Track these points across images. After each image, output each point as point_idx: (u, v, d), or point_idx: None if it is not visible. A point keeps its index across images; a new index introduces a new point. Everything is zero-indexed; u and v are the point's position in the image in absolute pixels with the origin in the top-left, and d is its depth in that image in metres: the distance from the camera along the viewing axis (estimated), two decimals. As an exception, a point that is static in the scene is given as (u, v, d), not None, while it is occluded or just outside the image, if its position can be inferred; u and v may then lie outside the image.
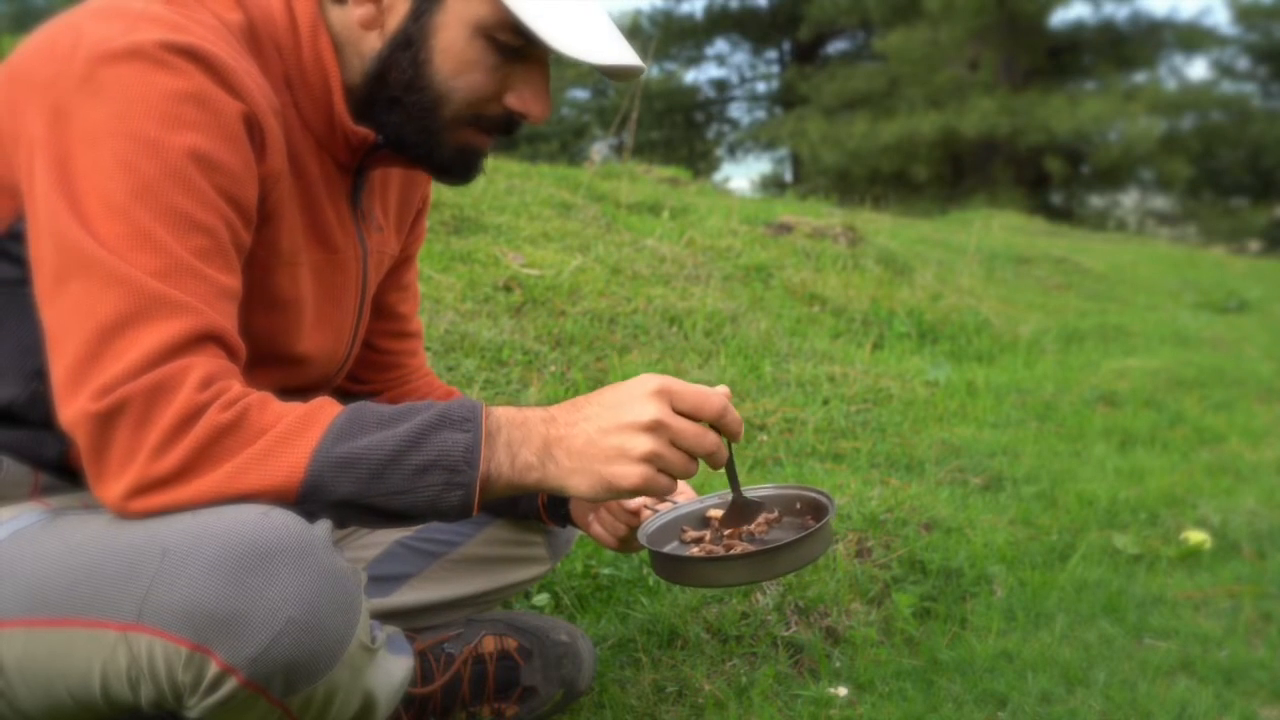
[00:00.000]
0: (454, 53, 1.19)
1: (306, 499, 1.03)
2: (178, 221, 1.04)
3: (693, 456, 1.12)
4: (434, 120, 1.22)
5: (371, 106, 1.23)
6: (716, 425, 1.13)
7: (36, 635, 1.00)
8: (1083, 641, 1.93)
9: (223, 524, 0.97)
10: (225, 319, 1.07)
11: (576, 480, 1.10)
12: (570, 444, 1.10)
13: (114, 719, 1.03)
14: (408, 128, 1.23)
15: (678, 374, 3.13)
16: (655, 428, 1.09)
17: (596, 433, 1.09)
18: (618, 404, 1.10)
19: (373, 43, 1.21)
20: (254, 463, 1.01)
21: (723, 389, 1.15)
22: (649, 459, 1.09)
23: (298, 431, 1.03)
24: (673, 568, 1.27)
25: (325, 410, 1.07)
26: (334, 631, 0.98)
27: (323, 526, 1.03)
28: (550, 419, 1.11)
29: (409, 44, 1.19)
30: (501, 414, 1.11)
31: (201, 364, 1.03)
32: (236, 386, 1.04)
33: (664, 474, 1.10)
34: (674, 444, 1.10)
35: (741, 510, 1.33)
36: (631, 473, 1.08)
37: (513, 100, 1.23)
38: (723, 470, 1.20)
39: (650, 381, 1.10)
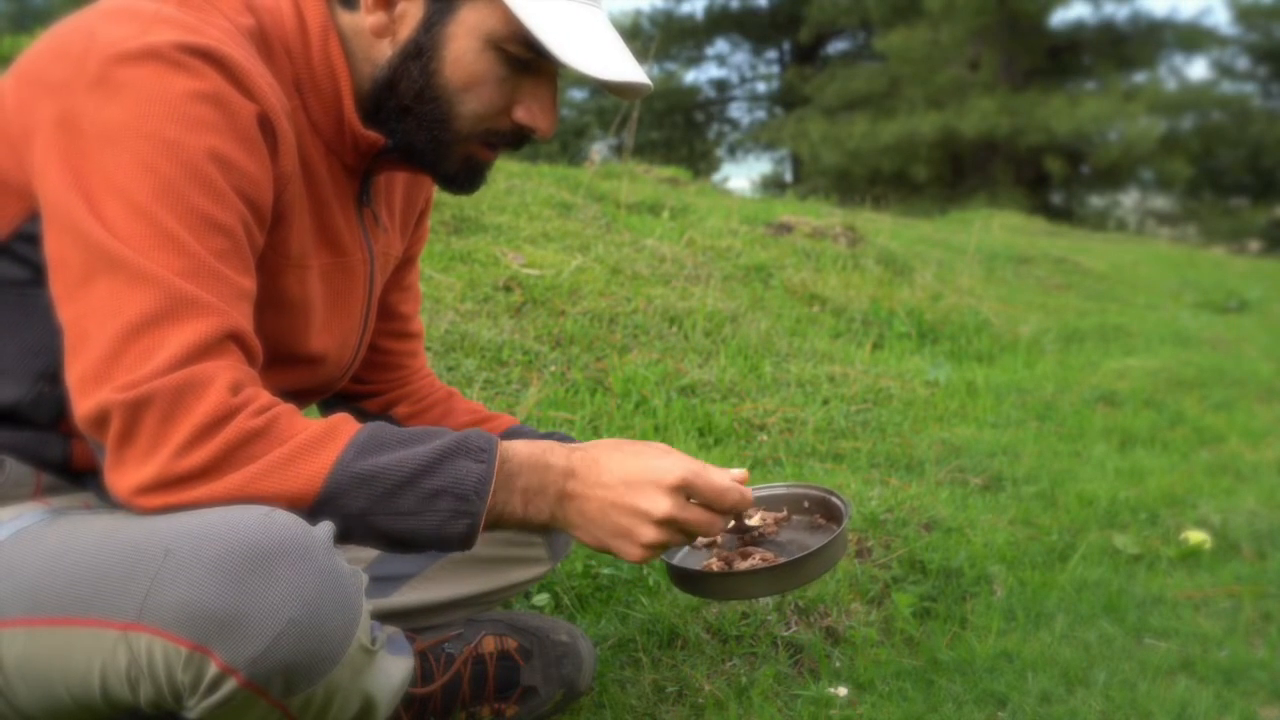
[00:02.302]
0: (464, 64, 1.20)
1: (320, 509, 1.04)
2: (199, 222, 1.04)
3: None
4: (444, 131, 1.23)
5: (380, 113, 1.24)
6: (728, 512, 1.20)
7: (37, 634, 1.00)
8: (1083, 641, 1.93)
9: (225, 525, 0.97)
10: (244, 320, 1.08)
11: (581, 535, 1.17)
12: (584, 506, 1.15)
13: (113, 719, 1.03)
14: (417, 136, 1.24)
15: (677, 374, 3.13)
16: (666, 523, 1.15)
17: (610, 507, 1.14)
18: (637, 485, 1.14)
19: (384, 50, 1.22)
20: (276, 468, 1.02)
21: (739, 473, 1.20)
22: (652, 546, 1.15)
23: (321, 442, 1.05)
24: (695, 583, 1.27)
25: (348, 424, 1.09)
26: (334, 632, 0.98)
27: (324, 528, 1.03)
28: (570, 473, 1.15)
29: (420, 53, 1.20)
30: (525, 457, 1.14)
31: (229, 367, 1.04)
32: (265, 394, 1.06)
33: (661, 550, 1.18)
34: (681, 530, 1.17)
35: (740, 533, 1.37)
36: (633, 553, 1.16)
37: (521, 114, 1.24)
38: None
39: (674, 471, 1.15)
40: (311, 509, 1.04)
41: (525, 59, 1.20)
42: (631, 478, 1.14)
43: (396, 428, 1.11)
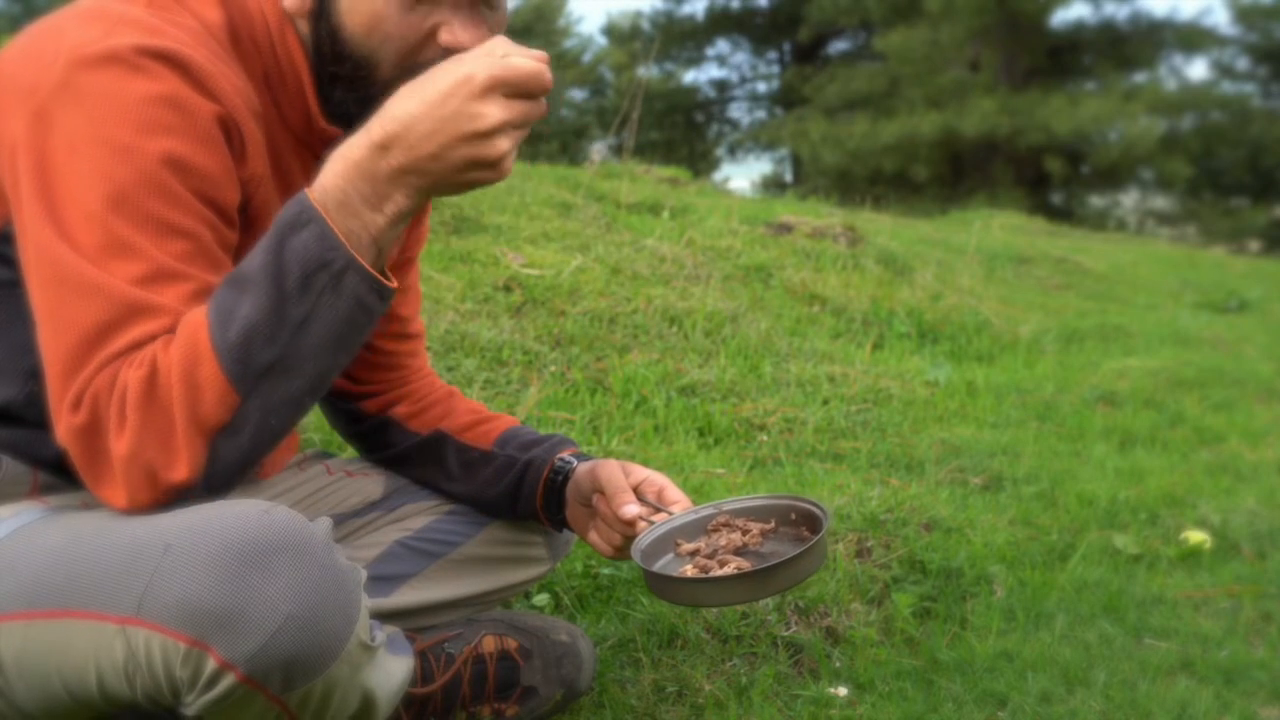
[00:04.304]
0: (359, 10, 1.14)
1: (248, 389, 1.02)
2: (156, 228, 1.04)
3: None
4: (372, 86, 1.16)
5: (329, 91, 1.20)
6: (544, 93, 1.06)
7: (35, 628, 1.01)
8: (1083, 641, 1.93)
9: (223, 521, 0.97)
10: None
11: (444, 191, 1.07)
12: (421, 167, 1.03)
13: (111, 716, 1.03)
14: (354, 103, 1.17)
15: (677, 374, 3.13)
16: (500, 129, 1.02)
17: (441, 150, 1.02)
18: (451, 115, 1.02)
19: (305, 27, 1.19)
20: (187, 402, 1.01)
21: (538, 54, 1.05)
22: (505, 155, 1.04)
23: (190, 343, 1.01)
24: (665, 587, 1.26)
25: (196, 313, 1.03)
26: (333, 628, 0.98)
27: (323, 524, 1.03)
28: (381, 147, 1.03)
29: (321, 15, 1.16)
30: (333, 177, 1.04)
31: (149, 347, 1.02)
32: (154, 344, 1.02)
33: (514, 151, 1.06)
34: (517, 126, 1.04)
35: None
36: (494, 176, 1.05)
37: (445, 36, 1.15)
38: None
39: (477, 75, 1.01)
40: (240, 395, 1.01)
41: None
42: (438, 111, 1.01)
43: (230, 273, 1.05)
